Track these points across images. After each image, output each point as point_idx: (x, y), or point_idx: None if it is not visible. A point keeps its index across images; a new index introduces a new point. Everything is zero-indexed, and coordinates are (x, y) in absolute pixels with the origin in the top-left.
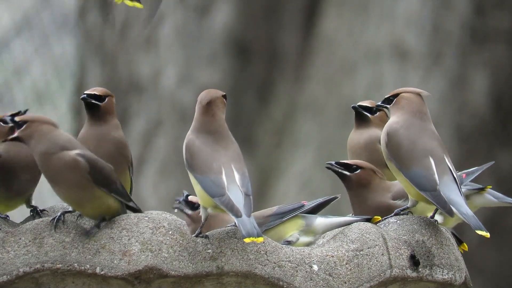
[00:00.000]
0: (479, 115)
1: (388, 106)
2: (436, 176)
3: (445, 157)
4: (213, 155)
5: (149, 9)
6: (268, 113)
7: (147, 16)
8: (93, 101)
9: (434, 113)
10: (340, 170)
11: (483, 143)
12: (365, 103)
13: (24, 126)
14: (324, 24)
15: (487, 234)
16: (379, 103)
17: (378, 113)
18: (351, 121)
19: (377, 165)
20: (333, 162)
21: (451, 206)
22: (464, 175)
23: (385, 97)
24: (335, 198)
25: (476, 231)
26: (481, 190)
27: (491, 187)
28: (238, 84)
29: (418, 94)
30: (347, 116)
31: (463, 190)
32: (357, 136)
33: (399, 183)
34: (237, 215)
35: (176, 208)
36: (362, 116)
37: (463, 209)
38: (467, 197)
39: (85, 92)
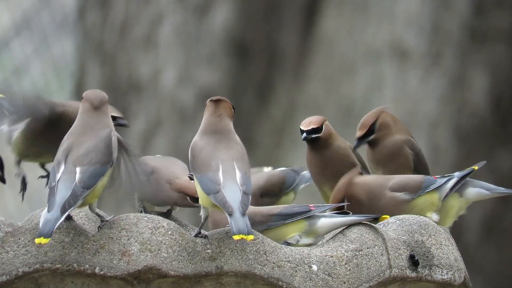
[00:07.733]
0: (479, 115)
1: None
2: None
3: None
4: (213, 154)
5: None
6: (268, 113)
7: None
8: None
9: (434, 113)
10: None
11: (482, 143)
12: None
13: None
14: (324, 24)
15: None
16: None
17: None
18: (351, 121)
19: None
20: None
21: None
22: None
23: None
24: (346, 212)
25: None
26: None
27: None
28: (237, 84)
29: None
30: (347, 115)
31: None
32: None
33: None
34: (229, 211)
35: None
36: None
37: None
38: (461, 190)
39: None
